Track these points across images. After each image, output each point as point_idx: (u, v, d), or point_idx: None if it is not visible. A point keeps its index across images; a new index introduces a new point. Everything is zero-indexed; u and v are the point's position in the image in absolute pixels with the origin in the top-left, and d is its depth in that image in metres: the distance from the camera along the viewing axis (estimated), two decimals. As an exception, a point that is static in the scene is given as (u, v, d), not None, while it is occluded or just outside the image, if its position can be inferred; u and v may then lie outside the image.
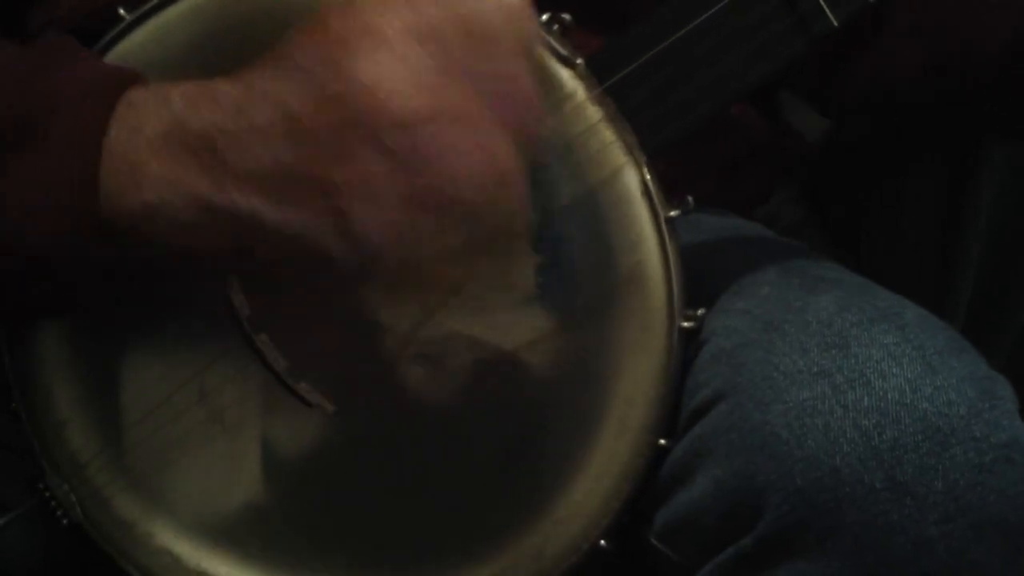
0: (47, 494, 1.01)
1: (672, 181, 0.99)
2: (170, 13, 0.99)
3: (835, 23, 0.96)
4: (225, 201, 0.89)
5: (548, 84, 0.96)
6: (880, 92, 1.18)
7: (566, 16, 0.97)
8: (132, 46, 0.99)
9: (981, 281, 1.26)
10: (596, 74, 0.97)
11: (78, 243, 0.91)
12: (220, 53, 0.98)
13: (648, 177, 0.97)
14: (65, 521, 1.01)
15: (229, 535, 1.01)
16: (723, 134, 1.19)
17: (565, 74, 0.97)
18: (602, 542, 0.99)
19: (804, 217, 1.33)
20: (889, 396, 0.92)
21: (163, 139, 0.90)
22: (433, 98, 0.86)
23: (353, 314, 0.96)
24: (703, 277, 1.02)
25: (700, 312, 0.99)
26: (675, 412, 0.99)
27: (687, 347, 0.99)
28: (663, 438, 0.98)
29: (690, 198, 0.98)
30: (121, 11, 0.99)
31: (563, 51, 0.97)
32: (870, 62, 1.15)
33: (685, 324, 0.98)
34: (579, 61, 0.96)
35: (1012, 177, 1.26)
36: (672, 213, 0.97)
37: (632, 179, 0.97)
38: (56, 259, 0.92)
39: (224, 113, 0.89)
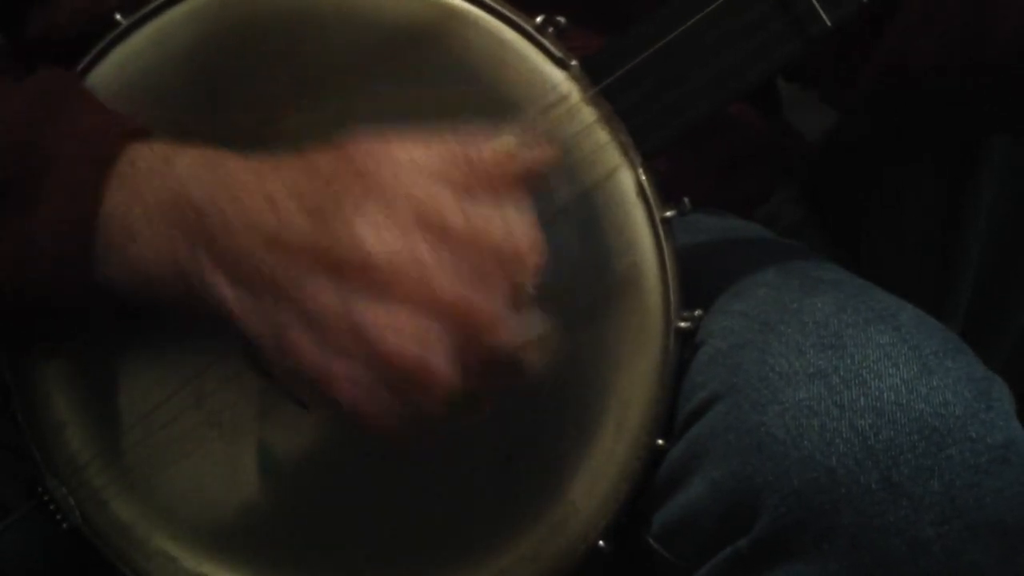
0: (45, 498, 1.01)
1: (672, 180, 0.99)
2: (168, 17, 0.99)
3: (828, 24, 0.96)
4: (197, 274, 0.91)
5: (542, 86, 0.97)
6: (896, 80, 1.18)
7: (561, 19, 0.97)
8: (130, 50, 0.99)
9: (981, 281, 1.26)
10: (592, 75, 0.97)
11: (72, 295, 0.95)
12: (218, 57, 0.99)
13: (644, 178, 0.97)
14: (64, 525, 1.01)
15: (227, 538, 1.01)
16: (722, 133, 1.19)
17: (559, 75, 0.97)
18: (600, 543, 0.99)
19: (804, 217, 1.33)
20: (885, 396, 0.92)
21: (160, 205, 0.92)
22: (405, 280, 0.89)
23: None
24: (701, 278, 1.02)
25: (697, 313, 0.99)
26: (672, 413, 0.99)
27: (684, 348, 0.99)
28: (660, 439, 0.98)
29: (686, 199, 0.98)
30: (118, 16, 0.99)
31: (558, 53, 0.97)
32: (884, 51, 1.15)
33: (682, 325, 0.98)
34: (573, 63, 0.97)
35: (1012, 177, 1.26)
36: (668, 214, 0.97)
37: (627, 180, 0.97)
38: (51, 308, 0.96)
39: (226, 194, 0.91)
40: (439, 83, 0.96)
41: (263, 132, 0.97)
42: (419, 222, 0.89)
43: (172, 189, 0.92)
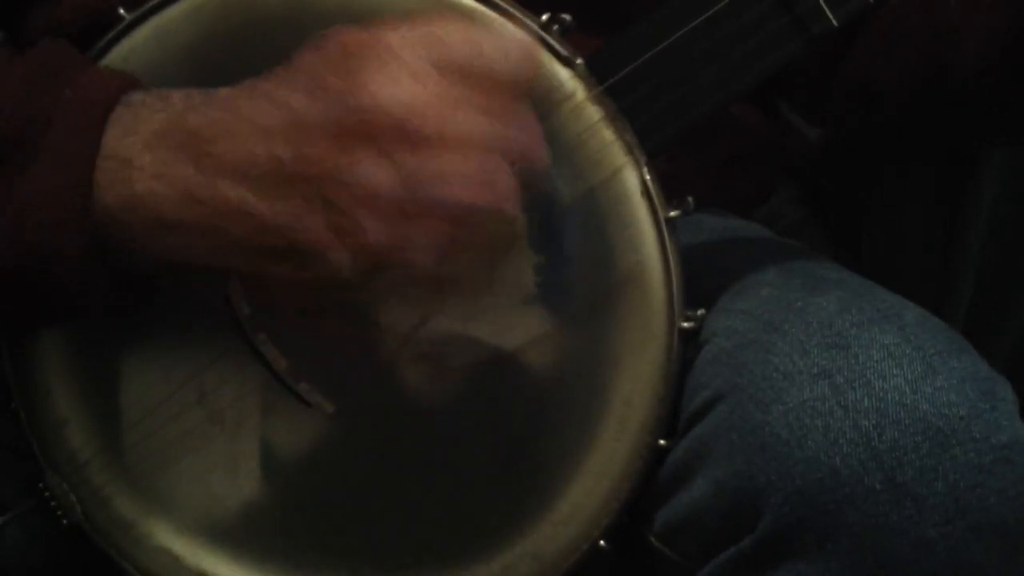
0: (47, 494, 1.01)
1: (671, 179, 0.99)
2: (171, 13, 0.99)
3: (835, 23, 0.96)
4: (210, 191, 0.89)
5: (548, 84, 0.96)
6: (860, 100, 1.19)
7: (566, 16, 0.97)
8: (133, 46, 0.99)
9: (981, 281, 1.26)
10: (596, 74, 0.97)
11: (76, 251, 0.92)
12: (221, 52, 0.98)
13: (648, 177, 0.97)
14: (65, 521, 1.01)
15: (229, 535, 1.01)
16: (722, 133, 1.19)
17: (565, 74, 0.96)
18: (602, 542, 0.99)
19: (804, 217, 1.33)
20: (889, 397, 0.92)
21: (158, 136, 0.90)
22: (443, 123, 0.87)
23: (353, 314, 0.96)
24: (703, 277, 1.02)
25: (700, 312, 0.99)
26: (675, 412, 0.99)
27: (687, 347, 0.99)
28: (663, 438, 0.98)
29: (690, 199, 0.98)
30: (121, 11, 0.99)
31: (563, 51, 0.96)
32: (848, 72, 1.16)
33: (685, 324, 0.98)
34: (579, 61, 0.96)
35: (1012, 177, 1.26)
36: (672, 213, 0.97)
37: (632, 179, 0.97)
38: (55, 269, 0.92)
39: (224, 111, 0.89)
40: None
41: None
42: (429, 62, 0.87)
43: (166, 119, 0.90)
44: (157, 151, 0.90)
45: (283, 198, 0.88)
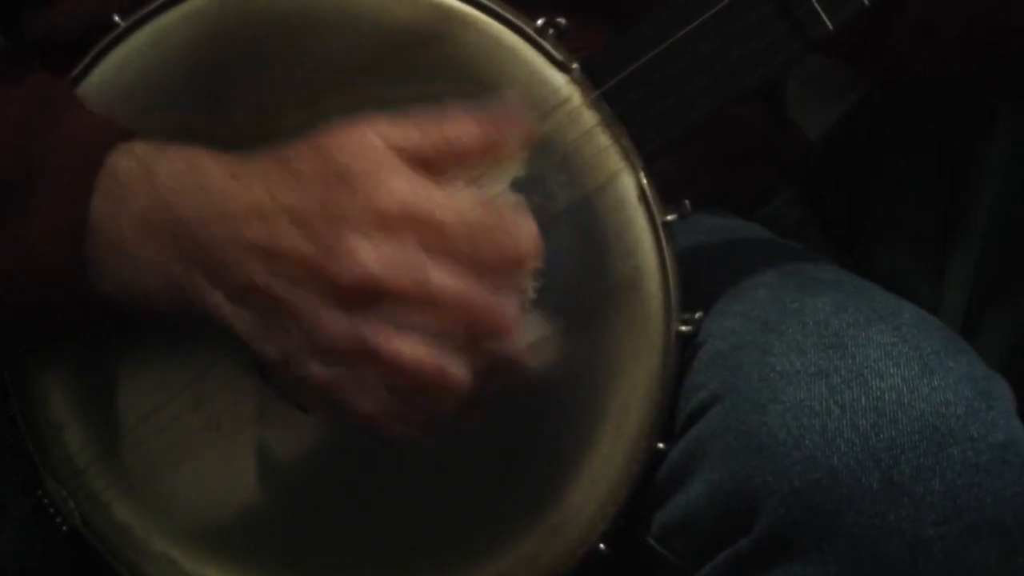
0: (45, 499, 1.01)
1: (668, 178, 0.98)
2: (166, 18, 0.99)
3: (830, 27, 0.96)
4: (194, 291, 0.92)
5: (543, 89, 0.96)
6: (925, 46, 1.18)
7: (561, 20, 0.97)
8: (128, 52, 0.99)
9: (981, 281, 1.26)
10: (593, 78, 0.97)
11: (70, 303, 0.95)
12: (218, 56, 0.99)
13: (644, 182, 0.97)
14: (63, 526, 1.01)
15: (227, 540, 1.01)
16: (720, 130, 1.18)
17: (560, 79, 0.96)
18: (600, 546, 0.99)
19: (804, 218, 1.33)
20: (886, 396, 0.92)
21: (146, 220, 0.93)
22: (413, 289, 0.89)
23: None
24: (701, 279, 1.02)
25: (697, 315, 0.98)
26: (672, 415, 0.98)
27: (684, 350, 0.98)
28: (660, 442, 0.98)
29: (687, 202, 0.98)
30: (116, 18, 0.99)
31: (559, 56, 0.96)
32: (912, 19, 1.15)
33: (682, 328, 0.97)
34: (575, 66, 0.96)
35: (1012, 177, 1.26)
36: (669, 217, 0.97)
37: (628, 184, 0.97)
38: (44, 316, 0.96)
39: (209, 205, 0.91)
40: (439, 85, 0.95)
41: (262, 131, 0.96)
42: (413, 226, 0.89)
43: (156, 201, 0.92)
44: (146, 240, 0.93)
45: (253, 315, 0.91)
